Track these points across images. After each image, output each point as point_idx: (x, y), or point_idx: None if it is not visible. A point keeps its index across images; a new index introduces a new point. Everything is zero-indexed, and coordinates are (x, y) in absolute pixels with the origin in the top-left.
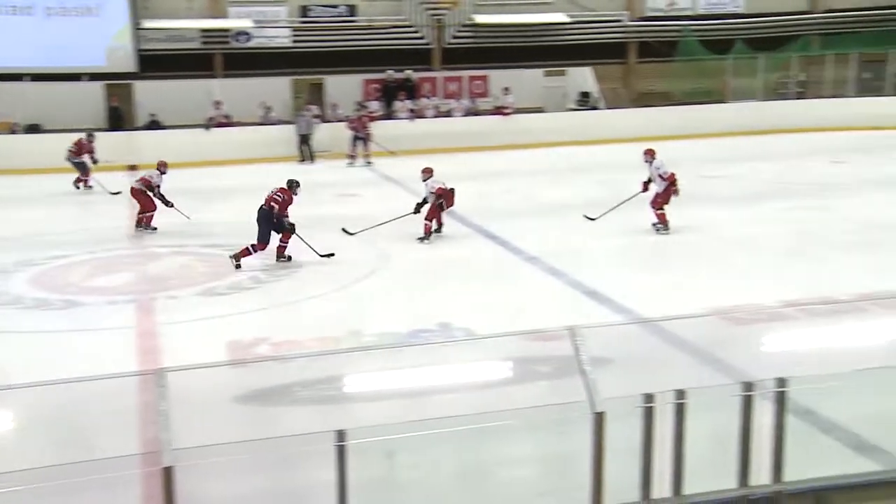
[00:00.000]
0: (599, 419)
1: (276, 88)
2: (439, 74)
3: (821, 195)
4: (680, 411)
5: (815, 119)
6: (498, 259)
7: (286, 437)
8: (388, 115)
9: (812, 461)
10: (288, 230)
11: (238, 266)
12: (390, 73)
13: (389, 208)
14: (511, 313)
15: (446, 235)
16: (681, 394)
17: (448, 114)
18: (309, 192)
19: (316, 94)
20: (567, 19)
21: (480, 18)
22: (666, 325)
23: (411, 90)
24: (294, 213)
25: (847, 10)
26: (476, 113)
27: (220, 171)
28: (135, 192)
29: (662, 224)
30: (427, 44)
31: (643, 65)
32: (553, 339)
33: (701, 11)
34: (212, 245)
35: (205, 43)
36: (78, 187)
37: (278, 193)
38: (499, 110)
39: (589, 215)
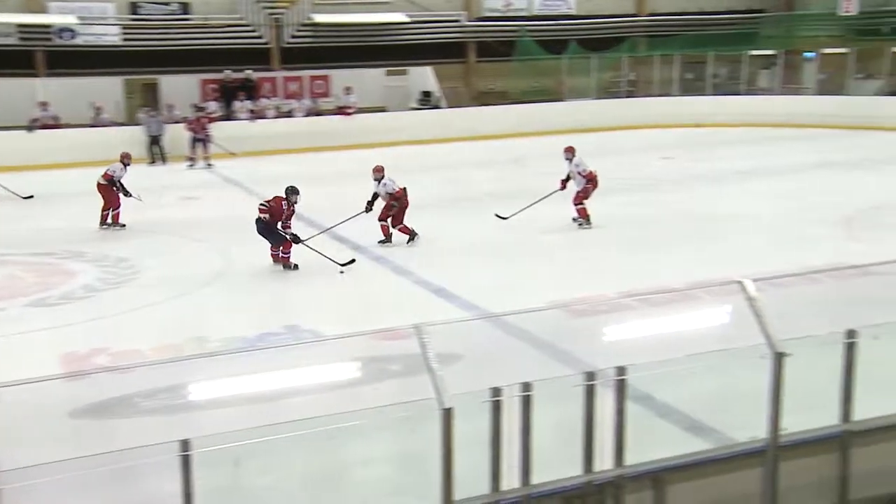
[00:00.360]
0: (448, 415)
1: (107, 88)
2: (279, 74)
3: (654, 190)
4: (526, 403)
5: (644, 117)
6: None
7: (126, 450)
8: (228, 116)
9: (651, 444)
10: (286, 240)
11: (295, 266)
12: (228, 73)
13: (233, 211)
14: (358, 313)
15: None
16: (527, 386)
17: (289, 114)
18: (155, 195)
19: (150, 94)
20: (406, 19)
21: (319, 18)
22: (511, 319)
23: (251, 90)
24: (137, 218)
25: (669, 14)
26: (318, 113)
27: (47, 175)
28: (99, 188)
29: (584, 219)
30: (265, 43)
31: (482, 64)
32: (401, 338)
33: (536, 12)
34: (40, 253)
35: (23, 39)
36: None
37: (266, 202)
38: (341, 110)
39: (501, 214)
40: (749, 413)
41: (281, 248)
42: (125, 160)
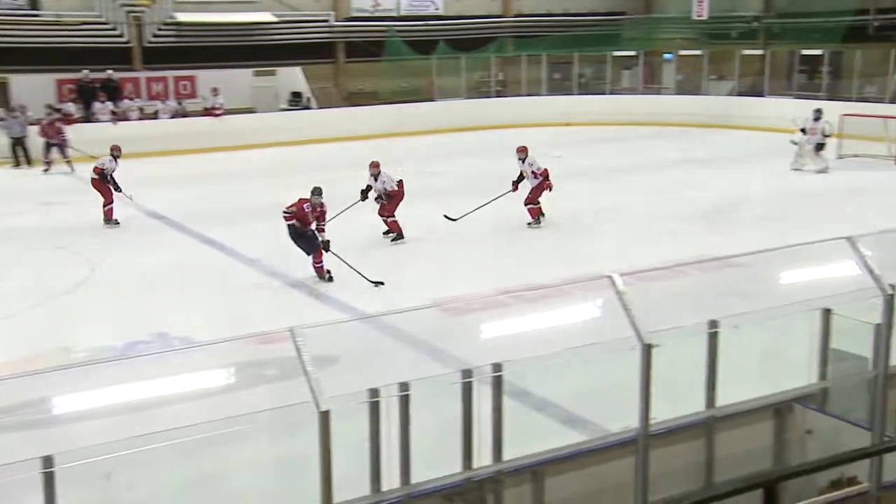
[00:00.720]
0: (325, 418)
1: None
2: (142, 75)
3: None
4: (404, 403)
5: (514, 116)
6: (215, 263)
7: None
8: (87, 118)
9: (529, 439)
10: (318, 248)
11: (331, 278)
12: (87, 73)
13: (94, 217)
14: (231, 317)
15: (162, 241)
16: (404, 386)
17: (154, 115)
18: (6, 202)
19: None
20: (274, 19)
21: (182, 17)
22: (387, 319)
23: (113, 91)
24: None
25: (535, 16)
26: (184, 114)
27: None
28: (93, 183)
29: (535, 219)
30: (126, 42)
31: (352, 64)
32: (276, 342)
33: (404, 13)
34: None
35: None
36: None
37: (288, 208)
38: (209, 111)
39: (449, 215)
40: (621, 404)
41: (313, 257)
42: (114, 152)
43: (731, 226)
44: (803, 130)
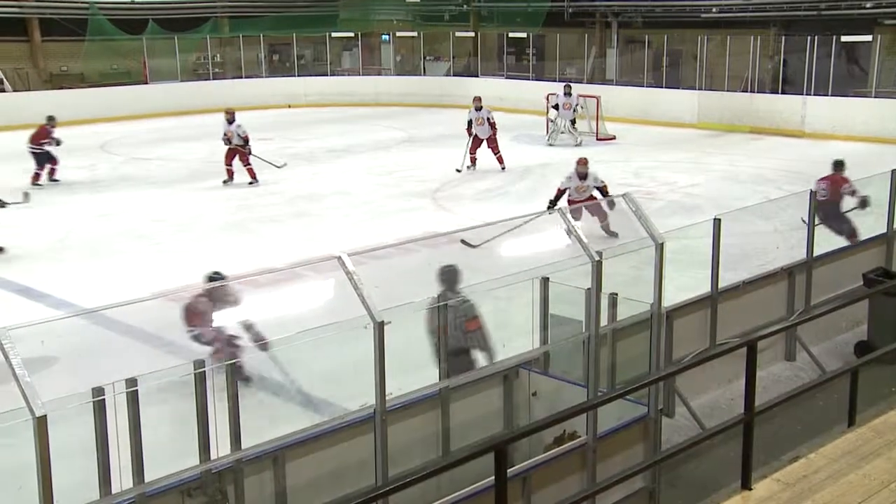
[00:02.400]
0: (42, 423)
1: None
2: None
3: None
4: (133, 400)
5: (235, 98)
6: None
7: None
8: None
9: (268, 425)
10: None
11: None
12: None
13: None
14: None
15: None
16: (132, 382)
17: None
18: None
19: None
20: None
21: None
22: (112, 314)
23: None
24: None
25: None
26: None
27: None
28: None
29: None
30: None
31: (51, 43)
32: None
33: None
34: None
35: None
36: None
37: None
38: None
39: (469, 242)
40: (359, 383)
41: None
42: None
43: (454, 203)
44: (556, 107)
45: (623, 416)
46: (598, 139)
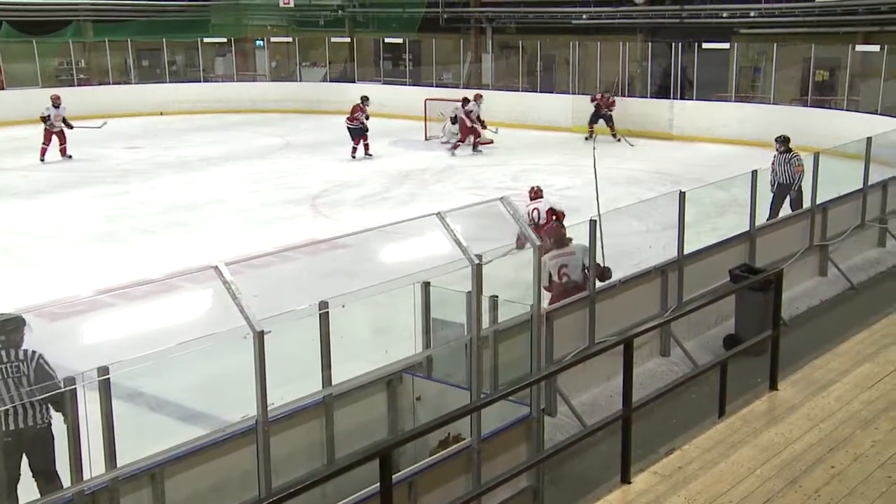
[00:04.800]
0: None
1: None
2: None
3: (123, 181)
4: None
5: (102, 105)
6: None
7: None
8: None
9: (145, 441)
10: None
11: None
12: None
13: None
14: None
15: None
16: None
17: None
18: None
19: None
20: None
21: None
22: None
23: None
24: None
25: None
26: None
27: None
28: None
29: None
30: None
31: None
32: None
33: None
34: None
35: None
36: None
37: None
38: None
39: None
40: (240, 394)
41: None
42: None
43: (334, 209)
44: (454, 119)
45: (506, 416)
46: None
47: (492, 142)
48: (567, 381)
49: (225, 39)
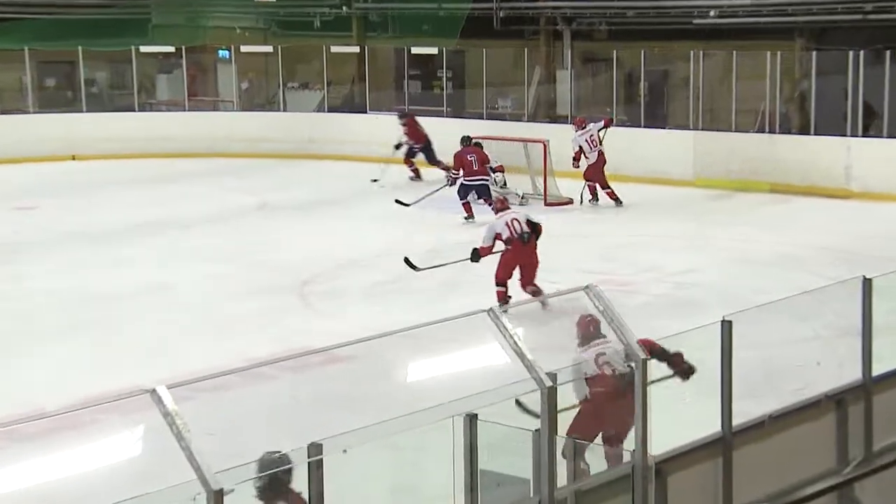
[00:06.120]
0: None
1: None
2: None
3: (8, 260)
4: None
5: None
6: None
7: None
8: None
9: None
10: None
11: None
12: None
13: None
14: None
15: None
16: None
17: None
18: None
19: None
20: None
21: None
22: None
23: None
24: None
25: None
26: None
27: None
28: None
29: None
30: None
31: None
32: None
33: None
34: None
35: None
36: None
37: None
38: None
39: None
40: None
41: None
42: None
43: (332, 302)
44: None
45: None
46: (546, 203)
47: (570, 201)
48: None
49: (172, 48)
